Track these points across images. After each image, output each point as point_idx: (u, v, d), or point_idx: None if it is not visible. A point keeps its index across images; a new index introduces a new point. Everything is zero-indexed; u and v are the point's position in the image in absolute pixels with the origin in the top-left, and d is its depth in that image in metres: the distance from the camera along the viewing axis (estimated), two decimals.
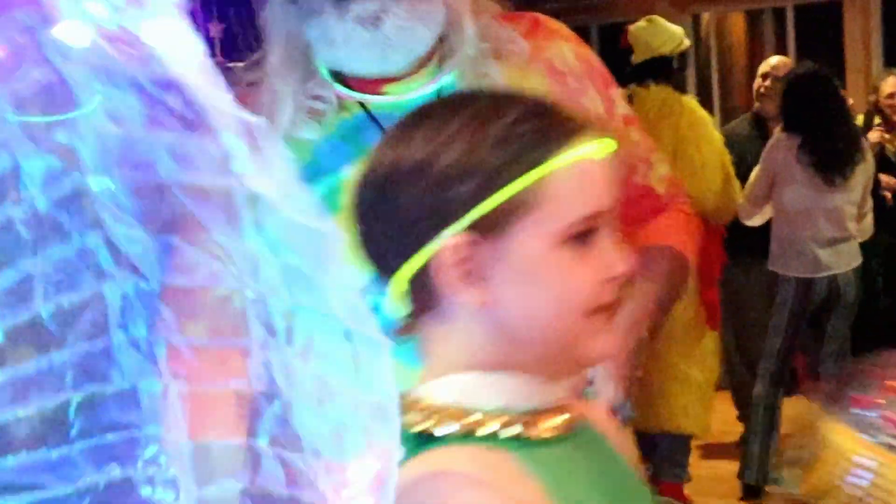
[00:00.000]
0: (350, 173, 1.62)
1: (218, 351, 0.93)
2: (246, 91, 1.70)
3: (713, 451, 5.04)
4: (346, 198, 1.15)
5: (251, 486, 0.94)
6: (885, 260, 4.94)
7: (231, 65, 3.81)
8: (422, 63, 1.64)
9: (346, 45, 1.59)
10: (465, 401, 1.07)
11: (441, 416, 1.06)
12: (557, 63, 1.70)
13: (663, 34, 4.39)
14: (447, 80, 1.63)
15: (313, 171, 1.64)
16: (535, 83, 1.65)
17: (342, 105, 1.66)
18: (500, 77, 1.63)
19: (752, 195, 4.50)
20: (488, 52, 1.65)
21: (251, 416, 0.94)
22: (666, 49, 4.35)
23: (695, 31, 6.93)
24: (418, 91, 1.64)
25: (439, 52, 1.64)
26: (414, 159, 1.08)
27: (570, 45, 1.73)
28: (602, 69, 1.76)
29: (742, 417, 4.90)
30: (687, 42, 4.53)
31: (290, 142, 1.64)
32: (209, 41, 3.78)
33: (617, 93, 1.77)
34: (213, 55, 2.84)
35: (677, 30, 4.46)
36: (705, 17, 7.34)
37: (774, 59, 5.19)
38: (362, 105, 1.66)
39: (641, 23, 4.46)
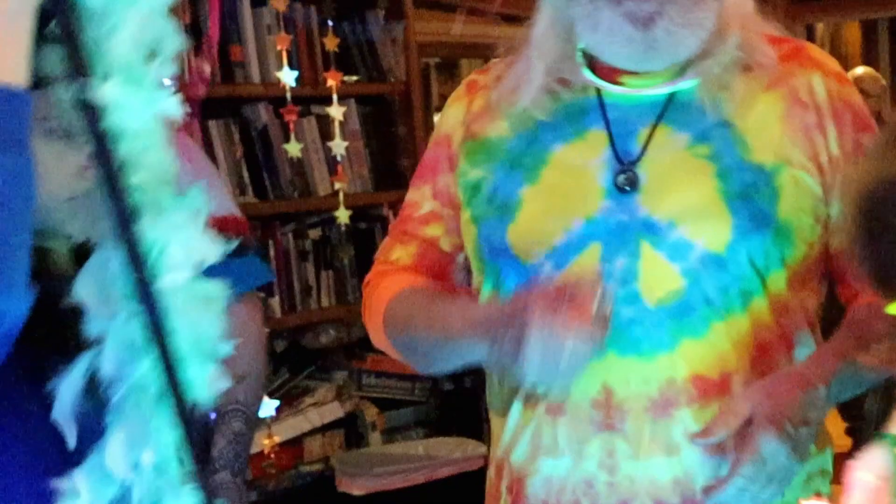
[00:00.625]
0: (561, 153, 1.63)
1: None
2: (504, 59, 1.73)
3: None
4: (847, 210, 1.10)
5: None
6: None
7: (346, 78, 3.91)
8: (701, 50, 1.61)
9: (609, 34, 1.57)
10: None
11: None
12: (802, 93, 1.63)
13: None
14: (686, 84, 1.61)
15: (527, 142, 1.67)
16: (768, 106, 1.61)
17: (579, 87, 1.66)
18: (739, 92, 1.61)
19: None
20: (738, 64, 1.61)
21: None
22: None
23: (809, 41, 6.87)
24: (654, 89, 1.62)
25: (695, 56, 1.61)
26: None
27: (826, 78, 1.65)
28: (860, 111, 1.67)
29: (850, 431, 4.84)
30: None
31: (518, 112, 1.68)
32: (325, 55, 3.87)
33: (868, 138, 1.65)
34: (327, 68, 3.00)
35: None
36: (820, 27, 7.27)
37: (860, 70, 5.13)
38: (597, 91, 1.65)
39: None
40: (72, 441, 1.09)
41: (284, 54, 3.69)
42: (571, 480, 1.59)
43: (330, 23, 3.87)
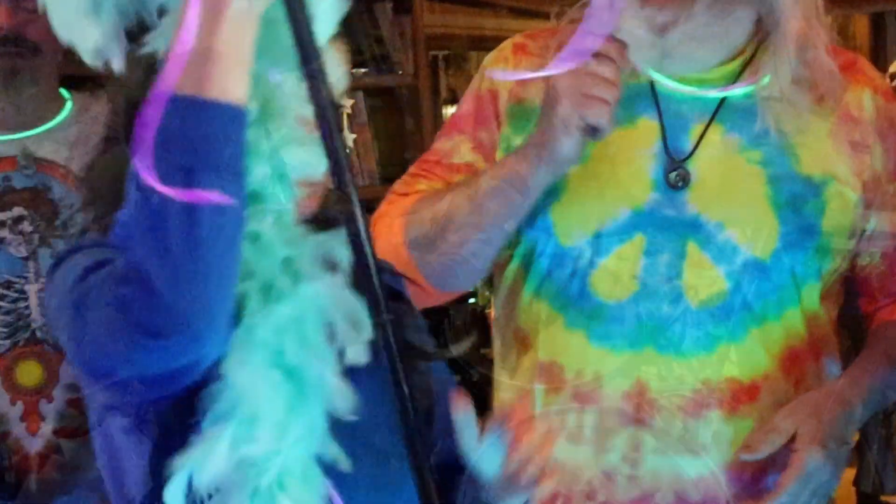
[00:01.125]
0: (610, 136, 1.56)
1: None
2: (556, 29, 1.69)
3: None
4: None
5: None
6: None
7: (354, 70, 3.91)
8: (731, 58, 1.61)
9: (628, 35, 1.57)
10: None
11: None
12: (853, 109, 1.64)
13: None
14: (740, 91, 1.61)
15: None
16: (819, 119, 1.61)
17: (629, 70, 1.63)
18: (795, 102, 1.60)
19: None
20: (805, 84, 1.60)
21: None
22: None
23: None
24: (708, 91, 1.61)
25: (754, 59, 1.61)
26: None
27: (875, 95, 1.66)
28: None
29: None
30: None
31: None
32: None
33: None
34: None
35: None
36: (828, 19, 7.24)
37: None
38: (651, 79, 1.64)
39: None
40: None
41: None
42: (589, 470, 1.59)
43: None
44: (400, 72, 4.16)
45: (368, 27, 4.09)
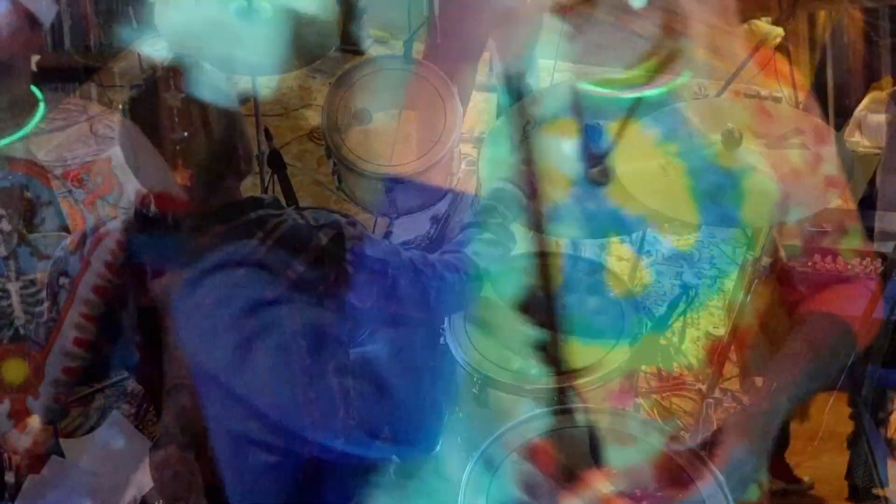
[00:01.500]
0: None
1: None
2: None
3: (820, 450, 4.99)
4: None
5: None
6: None
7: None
8: (642, 60, 1.68)
9: (545, 38, 1.66)
10: None
11: None
12: (770, 104, 1.70)
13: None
14: (653, 92, 1.67)
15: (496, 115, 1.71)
16: (736, 113, 1.66)
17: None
18: (709, 99, 1.66)
19: None
20: (721, 81, 1.68)
21: None
22: None
23: (810, 30, 6.84)
24: (623, 91, 1.68)
25: (669, 58, 1.67)
26: None
27: (793, 91, 1.73)
28: (819, 124, 1.72)
29: (854, 416, 4.84)
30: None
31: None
32: None
33: (829, 151, 1.70)
34: None
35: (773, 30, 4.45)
36: (821, 15, 7.25)
37: None
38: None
39: None
40: None
41: None
42: None
43: None
44: None
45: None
